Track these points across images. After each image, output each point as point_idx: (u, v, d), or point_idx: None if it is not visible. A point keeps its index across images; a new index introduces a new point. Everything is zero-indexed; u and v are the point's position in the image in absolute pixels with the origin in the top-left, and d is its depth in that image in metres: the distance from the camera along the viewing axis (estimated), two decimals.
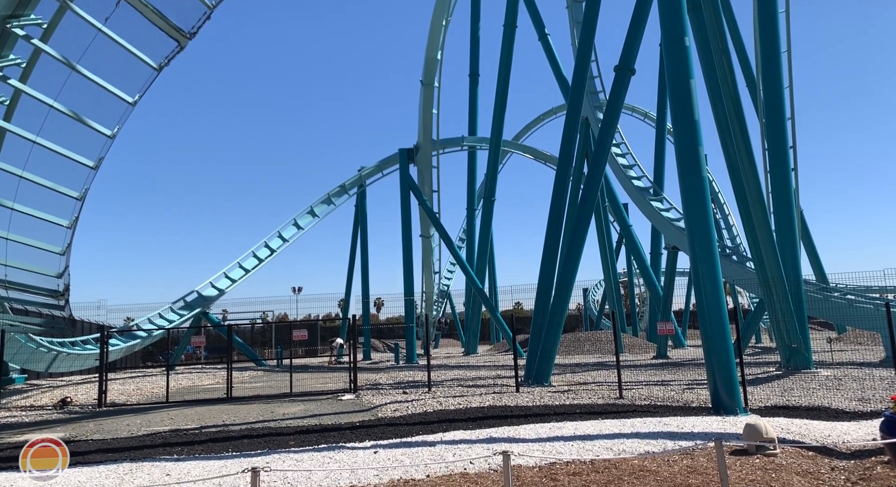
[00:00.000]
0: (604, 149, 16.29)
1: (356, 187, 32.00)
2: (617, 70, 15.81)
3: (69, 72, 11.69)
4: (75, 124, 12.28)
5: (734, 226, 30.91)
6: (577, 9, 24.10)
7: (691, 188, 10.78)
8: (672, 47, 11.27)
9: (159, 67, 13.23)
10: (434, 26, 29.08)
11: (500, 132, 28.43)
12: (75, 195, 13.16)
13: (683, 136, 11.05)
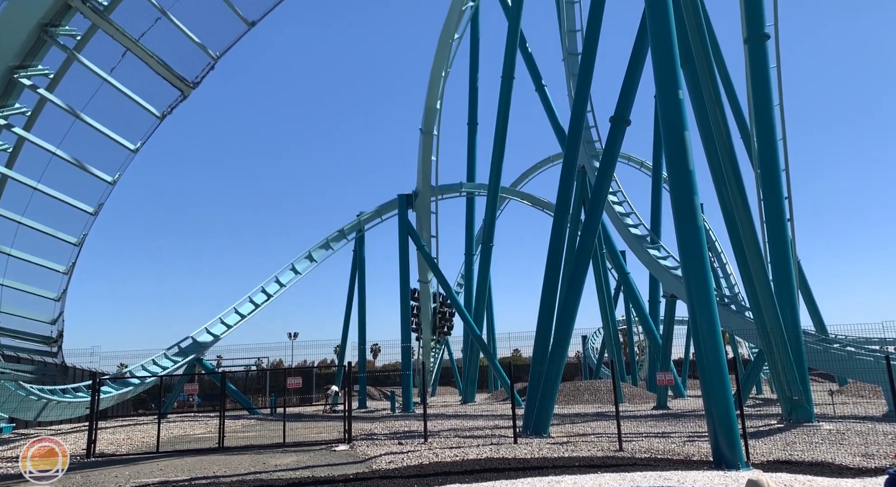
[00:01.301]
0: (600, 197, 16.43)
1: (355, 231, 32.09)
2: (612, 121, 16.09)
3: (73, 120, 11.90)
4: (77, 170, 12.42)
5: (732, 275, 30.92)
6: (572, 61, 24.68)
7: (688, 238, 10.82)
8: (666, 100, 11.49)
9: (162, 115, 13.48)
10: (434, 77, 29.70)
11: (499, 179, 28.72)
12: (73, 241, 13.19)
13: (679, 186, 11.16)
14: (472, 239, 32.36)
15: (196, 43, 13.42)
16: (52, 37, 11.22)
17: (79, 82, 12.14)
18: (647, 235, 21.73)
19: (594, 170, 20.89)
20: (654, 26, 11.87)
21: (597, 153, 23.75)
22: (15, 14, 10.66)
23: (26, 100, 11.91)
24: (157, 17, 12.82)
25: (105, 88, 12.39)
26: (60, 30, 11.27)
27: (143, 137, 13.40)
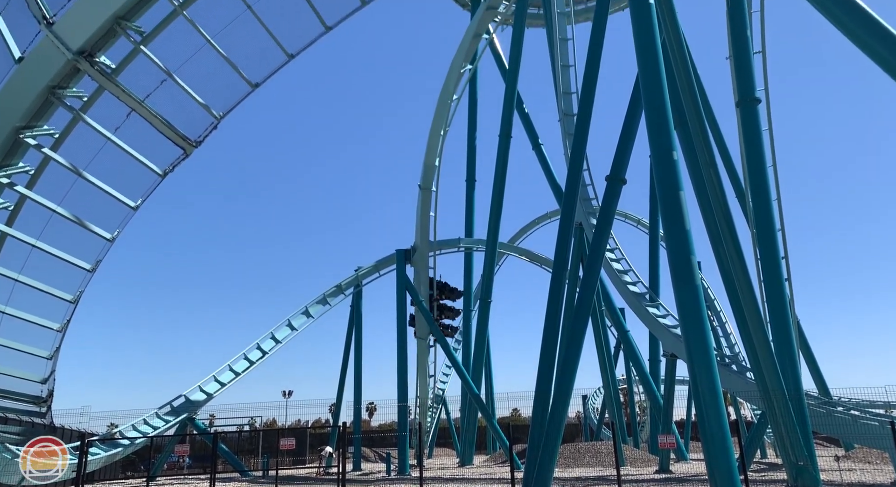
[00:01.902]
0: (598, 254, 16.46)
1: (352, 287, 31.95)
2: (608, 180, 16.29)
3: (75, 178, 12.05)
4: (76, 227, 12.49)
5: (732, 334, 30.66)
6: (568, 122, 25.20)
7: (686, 298, 10.79)
8: (660, 161, 11.67)
9: (164, 173, 13.65)
10: (433, 135, 30.25)
11: (496, 235, 28.83)
12: (69, 298, 13.12)
13: (676, 245, 11.22)
14: (471, 295, 32.21)
15: (200, 103, 13.73)
16: (59, 98, 11.49)
17: (83, 141, 12.35)
18: (646, 292, 21.63)
19: (591, 227, 21.03)
20: (648, 90, 12.19)
21: (594, 211, 23.93)
22: (25, 77, 10.95)
23: (31, 159, 12.09)
24: (162, 78, 13.17)
25: (109, 146, 12.61)
26: (68, 92, 11.55)
27: (143, 194, 13.54)
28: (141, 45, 12.09)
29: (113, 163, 12.97)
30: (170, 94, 13.69)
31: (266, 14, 14.13)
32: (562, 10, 26.13)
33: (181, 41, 13.68)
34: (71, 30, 11.00)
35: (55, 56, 11.02)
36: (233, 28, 14.12)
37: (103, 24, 11.25)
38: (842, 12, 8.86)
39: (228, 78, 14.41)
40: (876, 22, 8.55)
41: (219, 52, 13.36)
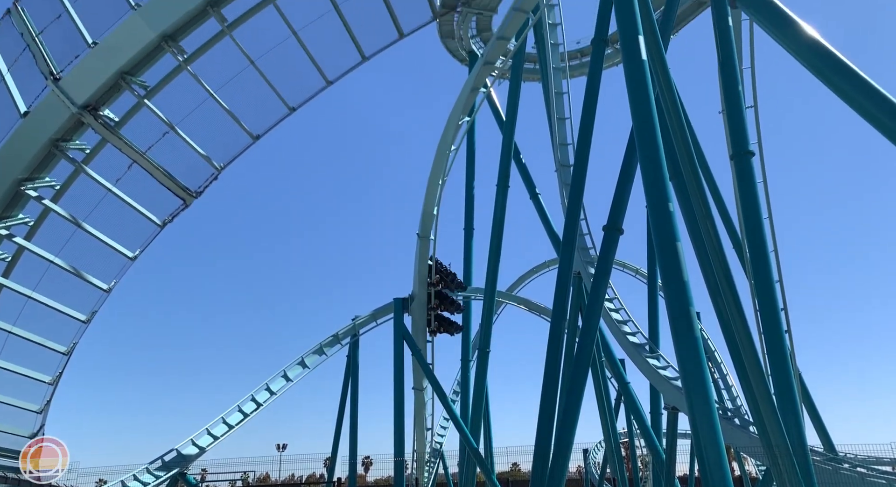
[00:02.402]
0: (597, 304, 16.42)
1: (349, 336, 31.64)
2: (605, 230, 16.40)
3: (74, 229, 12.09)
4: (73, 278, 12.45)
5: (733, 386, 30.25)
6: (565, 172, 25.51)
7: (686, 350, 10.70)
8: (656, 212, 11.76)
9: (163, 223, 13.70)
10: (431, 184, 30.52)
11: (495, 284, 28.76)
12: (62, 350, 12.97)
13: (674, 297, 11.19)
14: (469, 345, 31.89)
15: (201, 155, 13.90)
16: (62, 151, 11.65)
17: (83, 192, 12.45)
18: (646, 343, 21.46)
19: (590, 277, 21.03)
20: (642, 143, 12.38)
21: (592, 260, 23.96)
22: (30, 131, 11.13)
23: (30, 210, 12.15)
24: (165, 131, 13.37)
25: (109, 197, 12.70)
26: (71, 144, 11.72)
27: (142, 244, 13.55)
28: (145, 99, 12.34)
29: (112, 213, 13.04)
30: (171, 145, 13.87)
31: (268, 68, 14.47)
32: (557, 65, 26.83)
33: (184, 94, 13.95)
34: (77, 85, 11.24)
35: (60, 110, 11.23)
36: (236, 81, 14.43)
37: (109, 79, 11.51)
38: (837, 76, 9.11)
39: (230, 129, 14.62)
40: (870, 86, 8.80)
41: (221, 105, 13.61)
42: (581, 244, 23.93)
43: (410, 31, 14.93)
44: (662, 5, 18.32)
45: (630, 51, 12.55)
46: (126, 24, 11.77)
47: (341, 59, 15.31)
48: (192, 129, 14.00)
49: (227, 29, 12.67)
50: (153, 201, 13.70)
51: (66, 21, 11.56)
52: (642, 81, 12.48)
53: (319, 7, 14.45)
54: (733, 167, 13.88)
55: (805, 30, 9.60)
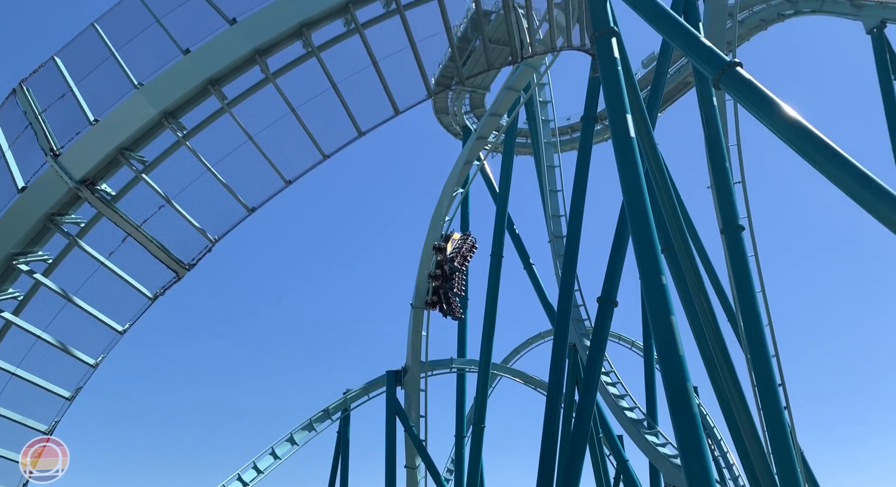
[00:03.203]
0: (593, 378, 16.21)
1: (340, 411, 30.93)
2: (599, 301, 16.41)
3: (64, 303, 11.97)
4: (59, 353, 12.23)
5: (734, 464, 29.45)
6: (558, 243, 25.77)
7: (684, 427, 10.46)
8: (649, 284, 11.80)
9: (154, 296, 13.56)
10: (425, 255, 30.66)
11: (490, 355, 28.43)
12: (43, 429, 12.54)
13: (670, 372, 11.05)
14: (463, 419, 31.16)
15: (196, 227, 13.94)
16: (56, 225, 11.69)
17: (75, 265, 12.39)
18: (644, 419, 21.09)
19: (585, 349, 20.85)
20: (633, 217, 12.54)
21: (587, 332, 23.82)
22: (26, 206, 11.22)
23: (21, 284, 12.07)
24: (161, 204, 13.46)
25: (101, 270, 12.63)
26: (66, 219, 11.78)
27: (132, 318, 13.36)
28: (143, 174, 12.50)
29: (103, 285, 12.93)
30: (166, 217, 13.92)
31: (266, 143, 14.71)
32: (548, 140, 27.59)
33: (182, 167, 14.12)
34: (76, 160, 11.42)
35: (58, 185, 11.35)
36: (233, 155, 14.67)
37: (108, 155, 11.69)
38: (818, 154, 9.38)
39: (226, 202, 14.72)
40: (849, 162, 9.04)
41: (218, 179, 13.78)
42: (576, 316, 23.86)
43: (406, 108, 15.33)
44: (649, 85, 19.07)
45: (618, 129, 12.93)
46: (128, 102, 12.07)
47: (337, 135, 15.65)
48: (187, 201, 14.10)
49: (227, 106, 12.99)
50: (145, 273, 13.61)
51: (70, 99, 11.86)
52: (631, 157, 12.79)
53: (318, 86, 14.90)
54: (724, 241, 14.05)
55: (786, 111, 9.96)
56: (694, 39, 12.14)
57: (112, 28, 13.34)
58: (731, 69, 10.83)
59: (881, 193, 8.61)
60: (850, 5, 24.10)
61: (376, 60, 14.28)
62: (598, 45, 14.02)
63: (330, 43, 13.77)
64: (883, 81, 22.30)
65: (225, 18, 12.93)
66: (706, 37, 13.87)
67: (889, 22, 23.16)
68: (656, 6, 12.94)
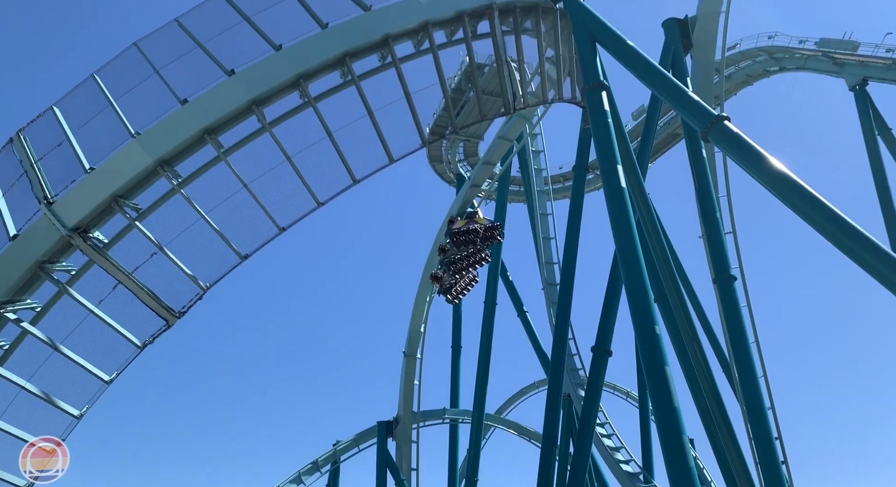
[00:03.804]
0: (588, 430, 15.94)
1: (330, 463, 30.17)
2: (594, 351, 16.29)
3: (51, 351, 11.78)
4: (43, 404, 11.95)
5: None
6: (551, 291, 25.73)
7: (680, 481, 10.25)
8: (643, 334, 11.75)
9: (143, 344, 13.37)
10: (418, 302, 30.53)
11: (483, 405, 27.99)
12: (22, 484, 12.17)
13: (665, 424, 10.90)
14: (456, 473, 30.43)
15: (188, 275, 13.87)
16: (47, 273, 11.60)
17: (64, 313, 12.24)
18: (640, 472, 20.65)
19: (580, 399, 20.58)
20: (626, 266, 12.58)
21: (581, 381, 23.55)
22: (17, 254, 11.16)
23: (7, 333, 11.88)
24: (153, 251, 13.41)
25: (90, 318, 12.48)
26: (56, 266, 11.70)
27: (119, 367, 13.12)
28: (136, 221, 12.50)
29: (91, 334, 12.74)
30: (158, 265, 13.84)
31: (260, 190, 14.78)
32: (541, 188, 27.88)
33: (175, 214, 14.13)
34: (69, 208, 11.42)
35: (50, 233, 11.32)
36: (227, 202, 14.73)
37: (101, 203, 11.70)
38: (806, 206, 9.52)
39: (218, 249, 14.69)
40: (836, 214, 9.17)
41: (212, 226, 13.79)
42: (570, 365, 23.66)
43: (400, 157, 15.52)
44: (639, 136, 19.43)
45: (609, 179, 13.10)
46: (125, 151, 12.17)
47: (332, 182, 15.77)
48: (180, 248, 14.05)
49: (223, 155, 13.13)
50: (134, 321, 13.45)
51: (66, 148, 11.95)
52: (623, 207, 12.92)
53: (313, 134, 15.10)
54: (717, 291, 14.07)
55: (773, 163, 10.16)
56: (682, 94, 12.46)
57: (112, 78, 13.58)
58: (718, 123, 11.08)
59: (866, 244, 8.74)
60: (832, 63, 24.92)
61: (371, 110, 14.55)
62: (588, 99, 14.35)
63: (327, 94, 14.05)
64: (867, 137, 22.88)
65: (224, 70, 13.20)
66: (694, 91, 14.24)
67: (871, 80, 23.91)
68: (645, 62, 13.31)
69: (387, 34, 13.80)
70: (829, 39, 25.74)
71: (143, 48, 13.42)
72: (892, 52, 24.11)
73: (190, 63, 13.86)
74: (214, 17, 14.32)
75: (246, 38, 14.13)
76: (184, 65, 13.91)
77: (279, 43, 13.42)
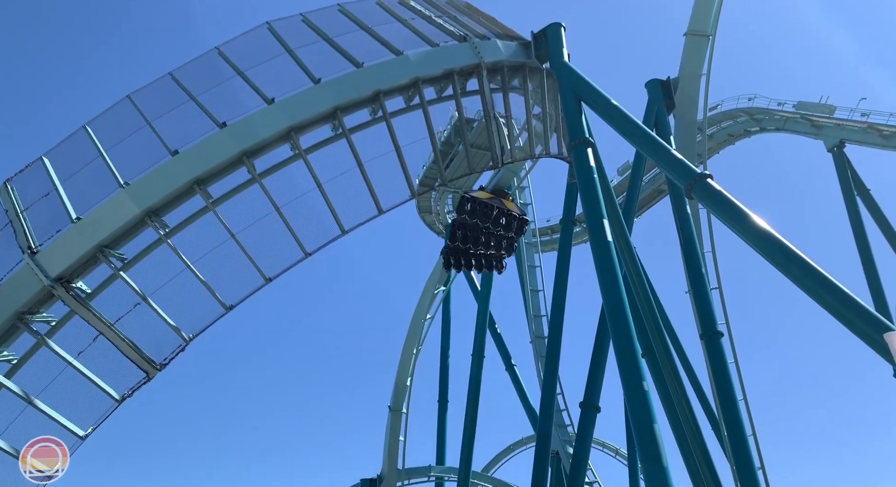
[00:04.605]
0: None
1: None
2: (582, 407, 16.07)
3: (25, 405, 11.45)
4: (12, 460, 11.52)
5: None
6: (539, 344, 25.57)
7: None
8: (631, 390, 11.64)
9: (122, 398, 13.04)
10: (405, 354, 30.19)
11: (469, 463, 27.32)
12: None
13: (654, 482, 10.72)
14: None
15: (171, 326, 13.68)
16: (26, 324, 11.40)
17: (41, 365, 11.96)
18: None
19: (568, 456, 20.19)
20: (613, 320, 12.55)
21: (570, 438, 23.16)
22: None
23: None
24: (137, 302, 13.24)
25: (68, 370, 12.20)
26: (36, 317, 11.52)
27: (95, 421, 12.73)
28: (121, 271, 12.39)
29: (68, 387, 12.40)
30: (141, 315, 13.64)
31: (248, 240, 14.74)
32: (529, 240, 28.03)
33: (161, 264, 14.01)
34: (53, 258, 11.33)
35: (32, 283, 11.19)
36: (214, 252, 14.65)
37: (86, 253, 11.63)
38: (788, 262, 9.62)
39: (203, 300, 14.52)
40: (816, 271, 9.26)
41: (198, 277, 13.70)
42: (558, 422, 23.31)
43: (389, 208, 15.61)
44: (625, 191, 19.73)
45: (596, 233, 13.22)
46: (113, 201, 12.17)
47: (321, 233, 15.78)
48: (164, 298, 13.89)
49: (212, 205, 13.17)
50: (114, 373, 13.14)
51: (54, 198, 11.95)
52: (609, 261, 13.00)
53: (303, 185, 15.21)
54: (704, 347, 14.04)
55: (755, 220, 10.33)
56: (665, 152, 12.73)
57: (104, 129, 13.70)
58: (701, 180, 11.30)
59: (846, 300, 8.82)
60: (810, 125, 25.76)
61: (361, 162, 14.71)
62: (574, 154, 14.62)
63: (317, 146, 14.24)
64: (847, 197, 23.44)
65: (216, 122, 13.37)
66: (677, 149, 14.57)
67: (847, 142, 24.66)
68: (629, 120, 13.64)
69: (378, 90, 14.11)
70: (805, 102, 26.66)
71: (136, 100, 13.61)
72: (867, 116, 24.96)
73: (182, 115, 14.05)
74: (208, 70, 14.61)
75: (239, 92, 14.39)
76: (176, 117, 14.09)
77: (272, 96, 13.67)
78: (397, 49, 14.60)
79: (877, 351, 8.14)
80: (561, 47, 15.60)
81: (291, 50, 14.35)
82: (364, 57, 14.38)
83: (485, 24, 17.38)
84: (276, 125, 13.36)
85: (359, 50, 14.57)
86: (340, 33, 15.10)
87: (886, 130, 24.40)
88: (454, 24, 16.33)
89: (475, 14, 18.02)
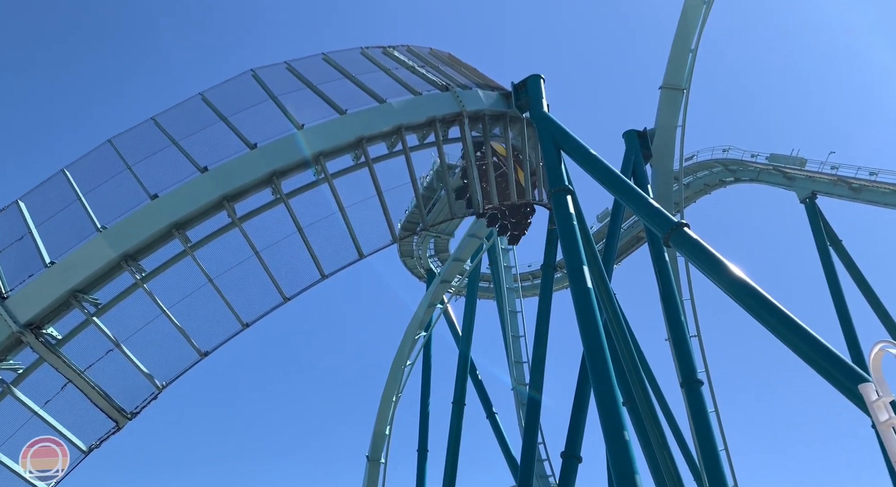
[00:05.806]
0: None
1: None
2: (563, 456, 15.81)
3: None
4: None
5: None
6: (521, 391, 25.29)
7: None
8: (612, 440, 11.51)
9: (89, 449, 12.55)
10: (384, 402, 29.72)
11: None
12: None
13: None
14: None
15: (144, 373, 13.32)
16: None
17: (5, 414, 11.52)
18: None
19: None
20: (593, 368, 12.49)
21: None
22: None
23: None
24: (109, 348, 12.90)
25: (33, 420, 11.77)
26: (3, 365, 11.17)
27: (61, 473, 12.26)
28: (94, 317, 12.11)
29: (33, 437, 11.97)
30: (113, 362, 13.26)
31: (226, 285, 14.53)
32: (510, 285, 28.05)
33: (135, 309, 13.69)
34: (24, 303, 11.05)
35: (0, 329, 10.89)
36: (191, 298, 14.40)
37: (59, 298, 11.36)
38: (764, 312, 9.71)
39: (178, 346, 14.19)
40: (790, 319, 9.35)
41: (173, 322, 13.44)
42: (540, 472, 22.89)
43: (370, 253, 15.56)
44: (604, 238, 19.91)
45: (576, 280, 13.27)
46: (88, 245, 11.97)
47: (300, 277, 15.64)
48: (138, 345, 13.55)
49: (190, 249, 13.01)
50: (82, 423, 12.68)
51: (28, 242, 11.73)
52: (589, 307, 13.03)
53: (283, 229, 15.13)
54: (684, 396, 13.99)
55: (731, 269, 10.47)
56: (643, 200, 12.94)
57: (83, 172, 13.59)
58: (679, 229, 11.47)
59: (822, 351, 8.92)
60: (782, 177, 26.46)
61: (343, 207, 14.71)
62: (554, 201, 14.80)
63: (299, 190, 14.22)
64: (820, 247, 23.95)
65: (197, 167, 13.33)
66: (654, 198, 14.82)
67: (819, 194, 25.34)
68: (607, 169, 13.89)
69: (361, 136, 14.25)
70: (778, 155, 27.43)
71: (117, 144, 13.58)
72: (837, 169, 25.72)
73: (163, 159, 13.99)
74: (191, 115, 14.65)
75: (221, 137, 14.41)
76: (157, 161, 14.02)
77: (254, 142, 13.71)
78: (381, 97, 14.82)
79: (852, 401, 8.17)
80: (540, 98, 15.96)
81: (275, 96, 14.48)
82: (347, 104, 14.56)
83: (467, 75, 17.75)
84: (258, 170, 13.37)
85: (342, 97, 14.75)
86: (324, 81, 15.31)
87: (855, 182, 25.13)
88: (437, 74, 16.66)
89: (457, 65, 18.41)
